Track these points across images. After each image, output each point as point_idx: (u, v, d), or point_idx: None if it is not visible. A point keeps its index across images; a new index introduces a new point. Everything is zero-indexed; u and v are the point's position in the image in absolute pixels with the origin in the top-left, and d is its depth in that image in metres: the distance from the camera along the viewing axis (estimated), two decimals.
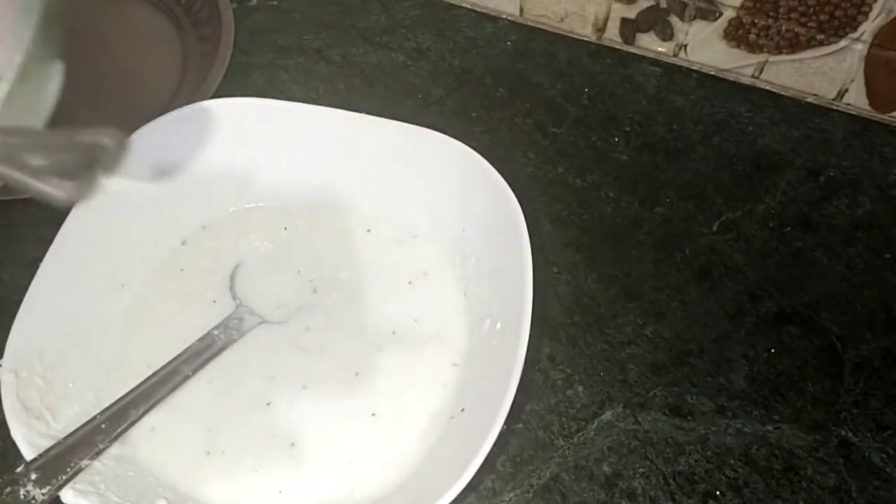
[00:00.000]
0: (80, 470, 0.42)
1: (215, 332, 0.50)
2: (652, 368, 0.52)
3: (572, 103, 0.65)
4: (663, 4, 0.63)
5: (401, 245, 0.54)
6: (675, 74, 0.67)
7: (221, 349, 0.49)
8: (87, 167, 0.38)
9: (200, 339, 0.49)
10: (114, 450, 0.44)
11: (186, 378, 0.48)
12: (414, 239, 0.55)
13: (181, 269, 0.53)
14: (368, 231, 0.55)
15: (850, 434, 0.50)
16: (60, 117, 0.64)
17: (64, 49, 0.40)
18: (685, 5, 0.63)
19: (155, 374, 0.47)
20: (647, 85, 0.66)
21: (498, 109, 0.64)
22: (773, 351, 0.53)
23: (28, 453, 0.41)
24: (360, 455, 0.46)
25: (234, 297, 0.52)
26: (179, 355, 0.48)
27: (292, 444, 0.47)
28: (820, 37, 0.60)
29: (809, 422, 0.50)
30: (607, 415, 0.50)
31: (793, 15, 0.60)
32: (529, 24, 0.69)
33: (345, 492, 0.45)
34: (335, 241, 0.55)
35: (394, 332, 0.51)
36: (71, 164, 0.37)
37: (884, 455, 0.49)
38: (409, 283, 0.53)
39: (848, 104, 0.64)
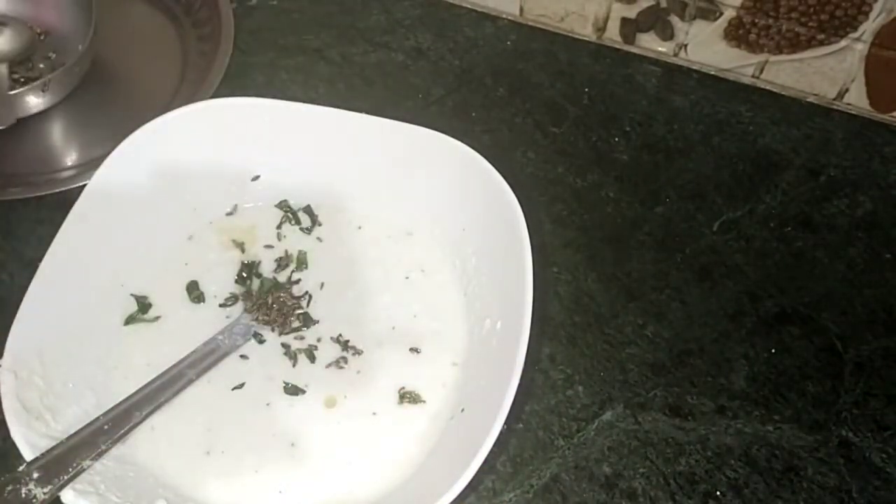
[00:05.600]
0: (81, 470, 0.42)
1: (220, 337, 0.50)
2: (652, 368, 0.52)
3: (572, 103, 0.65)
4: (664, 4, 0.63)
5: (398, 242, 0.55)
6: (676, 74, 0.67)
7: (226, 354, 0.49)
8: None
9: (205, 344, 0.49)
10: (114, 450, 0.44)
11: (190, 381, 0.48)
12: (411, 236, 0.55)
13: (186, 264, 0.53)
14: (364, 229, 0.55)
15: (850, 434, 0.49)
16: (62, 117, 0.64)
17: None
18: (685, 5, 0.63)
19: (159, 376, 0.47)
20: (647, 85, 0.66)
21: (498, 109, 0.64)
22: (773, 351, 0.53)
23: (28, 453, 0.41)
24: (360, 455, 0.46)
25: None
26: (184, 359, 0.48)
27: (292, 444, 0.47)
28: (820, 36, 0.60)
29: (810, 422, 0.50)
30: (607, 415, 0.50)
31: (793, 15, 0.60)
32: (529, 23, 0.69)
33: (345, 492, 0.45)
34: (334, 239, 0.55)
35: (393, 328, 0.51)
36: None
37: (884, 455, 0.49)
38: (406, 277, 0.53)
39: (848, 104, 0.64)
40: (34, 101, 0.61)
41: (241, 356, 0.50)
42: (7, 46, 0.64)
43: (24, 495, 0.40)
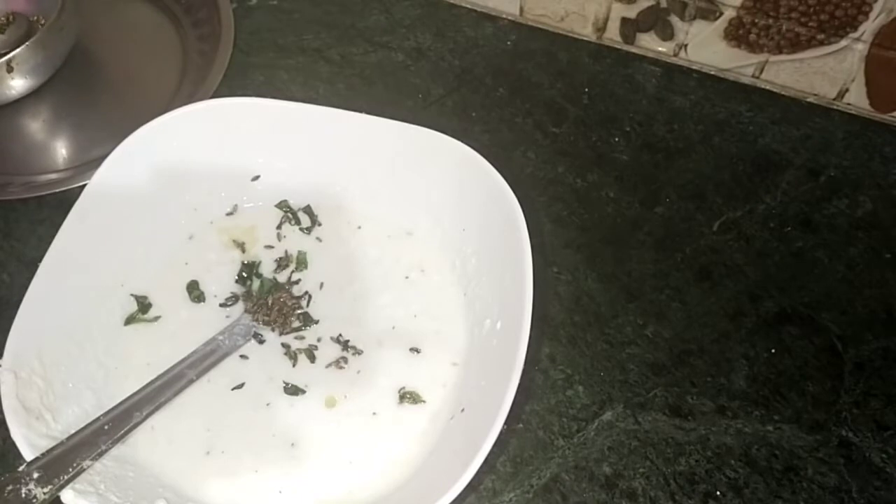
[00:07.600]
0: (81, 470, 0.42)
1: (220, 337, 0.50)
2: (652, 368, 0.52)
3: (572, 103, 0.65)
4: (664, 4, 0.63)
5: (398, 242, 0.55)
6: (676, 74, 0.67)
7: (226, 354, 0.49)
8: None
9: (205, 344, 0.49)
10: (114, 450, 0.44)
11: (190, 382, 0.48)
12: (410, 236, 0.55)
13: (186, 264, 0.53)
14: (364, 229, 0.55)
15: (850, 434, 0.49)
16: (62, 117, 0.64)
17: None
18: (685, 5, 0.63)
19: (159, 376, 0.47)
20: (647, 85, 0.66)
21: (498, 109, 0.64)
22: (773, 351, 0.53)
23: (28, 453, 0.41)
24: (360, 455, 0.46)
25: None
26: (184, 359, 0.48)
27: (292, 444, 0.47)
28: (820, 36, 0.60)
29: (810, 422, 0.50)
30: (607, 415, 0.50)
31: (793, 15, 0.60)
32: (529, 23, 0.69)
33: (345, 492, 0.45)
34: (334, 239, 0.55)
35: (393, 328, 0.51)
36: None
37: (884, 455, 0.49)
38: (406, 277, 0.53)
39: (848, 104, 0.64)
40: (9, 84, 0.61)
41: (241, 356, 0.50)
42: None
43: (24, 495, 0.40)
